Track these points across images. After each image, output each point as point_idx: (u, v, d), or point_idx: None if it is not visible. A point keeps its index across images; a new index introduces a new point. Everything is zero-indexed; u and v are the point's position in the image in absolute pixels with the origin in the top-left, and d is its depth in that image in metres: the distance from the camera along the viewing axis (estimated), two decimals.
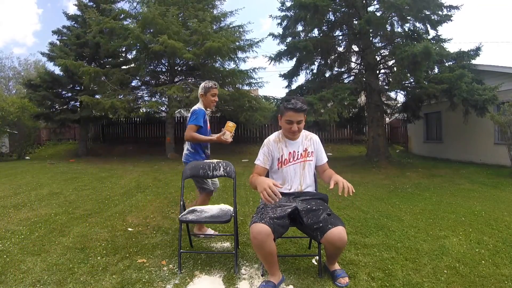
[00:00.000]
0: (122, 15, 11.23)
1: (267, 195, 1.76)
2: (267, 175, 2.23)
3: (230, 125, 2.70)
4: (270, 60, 9.33)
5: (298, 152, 2.20)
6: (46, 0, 46.05)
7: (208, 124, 2.87)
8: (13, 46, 42.15)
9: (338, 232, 1.86)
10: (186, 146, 2.82)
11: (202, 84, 2.78)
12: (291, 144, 2.21)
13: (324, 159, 2.29)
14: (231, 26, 11.56)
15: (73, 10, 23.61)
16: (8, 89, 23.74)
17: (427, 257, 2.37)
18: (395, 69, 8.10)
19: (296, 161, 2.19)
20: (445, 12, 8.20)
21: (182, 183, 2.53)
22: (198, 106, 2.77)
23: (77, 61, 10.33)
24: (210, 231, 2.96)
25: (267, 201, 1.78)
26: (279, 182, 2.16)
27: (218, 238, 2.87)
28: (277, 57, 9.20)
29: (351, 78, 9.73)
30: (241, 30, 11.43)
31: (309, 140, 2.24)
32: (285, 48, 8.99)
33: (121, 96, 10.50)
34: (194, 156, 2.76)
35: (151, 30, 9.93)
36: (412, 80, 8.09)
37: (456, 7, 8.14)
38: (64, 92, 12.17)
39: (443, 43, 8.25)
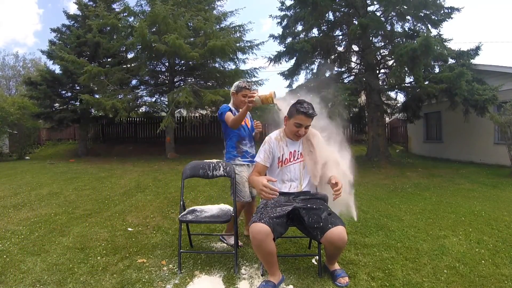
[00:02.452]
0: (125, 13, 11.19)
1: (265, 194, 1.86)
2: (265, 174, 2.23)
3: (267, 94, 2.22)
4: (269, 61, 9.38)
5: (298, 151, 2.19)
6: (47, 0, 46.02)
7: (246, 120, 2.75)
8: (13, 46, 42.13)
9: (338, 232, 1.86)
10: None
11: (236, 83, 2.74)
12: (292, 144, 2.20)
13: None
14: (231, 26, 11.55)
15: (73, 10, 23.63)
16: (8, 89, 23.73)
17: (427, 257, 2.37)
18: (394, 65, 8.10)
19: (296, 161, 2.18)
20: (445, 12, 8.19)
21: (182, 183, 2.53)
22: (227, 104, 2.73)
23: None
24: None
25: (268, 198, 1.88)
26: (278, 181, 2.16)
27: (218, 238, 2.87)
28: (277, 58, 9.23)
29: (351, 78, 9.73)
30: (242, 30, 11.41)
31: (310, 139, 2.23)
32: (284, 49, 9.01)
33: (121, 96, 10.49)
34: (227, 155, 2.70)
35: (155, 29, 9.88)
36: (411, 79, 8.10)
37: (457, 9, 8.11)
38: (63, 92, 12.17)
39: (444, 43, 8.24)
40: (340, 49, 9.79)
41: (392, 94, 10.53)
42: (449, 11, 8.13)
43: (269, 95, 2.20)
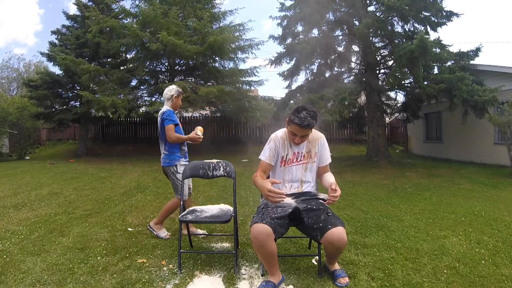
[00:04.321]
0: (123, 14, 11.19)
1: (272, 199, 1.86)
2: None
3: (200, 128, 2.94)
4: (270, 63, 9.53)
5: (301, 153, 2.18)
6: (48, 0, 46.00)
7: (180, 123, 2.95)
8: (14, 46, 42.14)
9: (338, 232, 1.86)
10: (162, 150, 2.86)
11: (176, 88, 2.94)
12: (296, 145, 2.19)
13: (327, 160, 2.24)
14: (231, 25, 11.54)
15: (73, 10, 23.58)
16: (9, 90, 23.68)
17: (427, 257, 2.38)
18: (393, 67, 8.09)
19: (299, 162, 2.17)
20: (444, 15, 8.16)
21: (182, 183, 2.53)
22: (166, 107, 2.85)
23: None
24: (199, 231, 3.01)
25: (276, 202, 1.88)
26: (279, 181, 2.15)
27: (218, 238, 2.87)
28: (277, 60, 9.33)
29: (351, 78, 9.73)
30: (241, 28, 11.41)
31: (315, 141, 2.20)
32: (284, 50, 9.07)
33: (121, 96, 10.49)
34: (170, 156, 2.81)
35: (151, 29, 9.89)
36: (411, 79, 8.09)
37: (456, 14, 8.04)
38: (63, 92, 12.17)
39: (445, 48, 8.19)
40: (340, 49, 9.81)
41: (392, 94, 10.53)
42: (448, 14, 8.10)
43: (199, 129, 2.87)
